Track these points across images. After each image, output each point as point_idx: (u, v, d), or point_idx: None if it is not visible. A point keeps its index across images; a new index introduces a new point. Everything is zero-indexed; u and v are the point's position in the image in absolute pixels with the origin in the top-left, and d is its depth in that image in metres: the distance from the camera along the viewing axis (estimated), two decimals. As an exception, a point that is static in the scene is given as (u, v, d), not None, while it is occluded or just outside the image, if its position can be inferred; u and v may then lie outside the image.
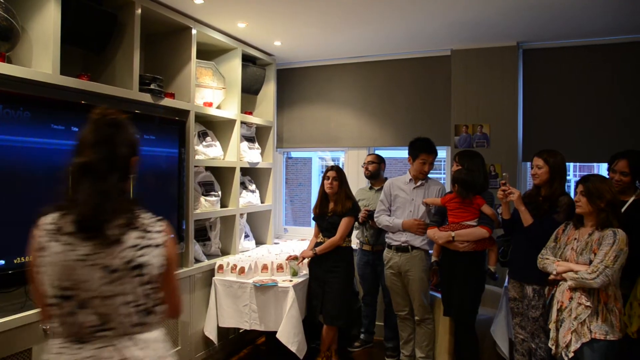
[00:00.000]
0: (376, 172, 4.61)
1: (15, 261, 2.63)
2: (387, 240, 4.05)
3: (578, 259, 2.81)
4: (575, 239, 2.90)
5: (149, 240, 1.63)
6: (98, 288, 1.53)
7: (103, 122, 1.62)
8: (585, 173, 2.98)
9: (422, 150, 3.93)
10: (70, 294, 1.52)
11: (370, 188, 4.67)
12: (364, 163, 4.69)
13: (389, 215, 4.03)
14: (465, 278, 3.63)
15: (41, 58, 2.85)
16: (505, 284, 3.68)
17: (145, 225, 1.64)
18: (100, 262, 1.53)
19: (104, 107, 1.66)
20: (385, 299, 4.47)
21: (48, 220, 1.57)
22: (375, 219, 4.13)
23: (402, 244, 3.92)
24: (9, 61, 2.76)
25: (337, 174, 4.07)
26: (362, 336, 4.74)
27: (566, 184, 3.43)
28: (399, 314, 4.08)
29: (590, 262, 2.73)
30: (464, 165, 3.71)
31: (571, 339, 2.75)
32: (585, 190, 2.82)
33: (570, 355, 2.76)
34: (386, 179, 4.64)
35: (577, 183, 2.91)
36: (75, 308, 1.53)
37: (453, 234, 3.59)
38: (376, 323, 4.76)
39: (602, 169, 5.39)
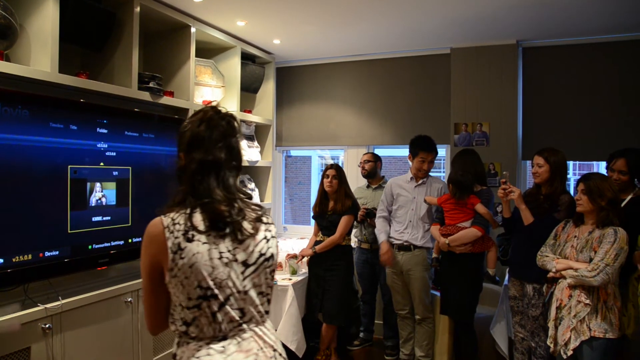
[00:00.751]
0: (373, 171, 4.61)
1: (14, 259, 2.62)
2: (389, 239, 4.05)
3: (578, 257, 2.80)
4: (575, 236, 2.90)
5: (270, 232, 1.67)
6: (239, 284, 1.55)
7: (219, 118, 1.62)
8: (585, 172, 2.98)
9: (421, 148, 3.93)
10: (212, 293, 1.50)
11: (368, 187, 4.67)
12: (361, 162, 4.69)
13: (386, 219, 4.07)
14: (463, 277, 3.64)
15: (40, 56, 2.84)
16: (505, 282, 3.68)
17: (264, 217, 1.67)
18: (239, 258, 1.55)
19: (213, 104, 1.67)
20: (384, 298, 4.47)
21: (173, 220, 1.51)
22: (375, 220, 4.14)
23: (404, 243, 3.92)
24: (8, 59, 2.75)
25: (336, 172, 4.06)
26: (361, 335, 4.73)
27: (566, 183, 3.43)
28: (399, 312, 4.07)
29: (590, 259, 2.73)
30: (454, 165, 3.76)
31: (570, 336, 2.75)
32: (586, 189, 2.82)
33: (569, 353, 2.76)
34: (383, 177, 4.66)
35: (578, 181, 2.91)
36: (218, 307, 1.51)
37: (447, 241, 3.62)
38: (375, 322, 4.76)
39: (602, 167, 5.39)
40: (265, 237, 1.63)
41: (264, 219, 1.65)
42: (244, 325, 1.57)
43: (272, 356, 1.60)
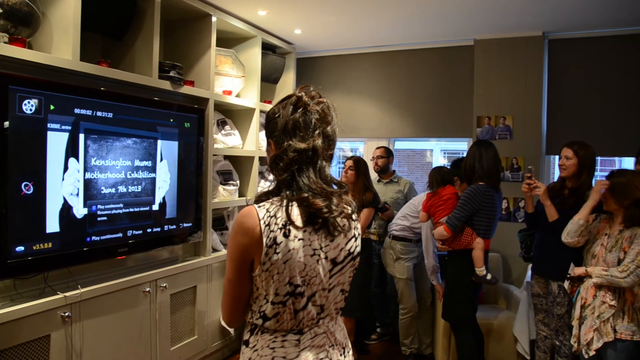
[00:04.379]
0: (385, 167, 4.61)
1: (34, 247, 2.63)
2: (410, 227, 4.07)
3: (607, 257, 2.73)
4: (606, 234, 2.82)
5: (357, 229, 1.59)
6: (325, 281, 1.49)
7: (315, 104, 1.51)
8: (607, 168, 2.91)
9: None
10: (301, 290, 1.44)
11: (379, 181, 4.65)
12: (373, 157, 4.65)
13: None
14: (448, 276, 3.56)
15: (61, 44, 2.83)
16: (528, 279, 3.61)
17: (354, 215, 1.58)
18: (330, 256, 1.48)
19: (307, 87, 1.54)
20: (391, 293, 4.43)
21: (269, 212, 1.43)
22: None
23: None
24: (30, 47, 2.75)
25: (354, 163, 3.98)
26: (378, 329, 4.70)
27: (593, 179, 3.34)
28: (413, 313, 4.10)
29: (619, 260, 2.66)
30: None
31: (593, 337, 2.69)
32: (610, 187, 2.76)
33: (592, 353, 2.70)
34: (394, 171, 4.65)
35: (606, 178, 2.84)
36: (302, 305, 1.46)
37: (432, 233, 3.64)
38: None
39: (625, 163, 5.28)
40: (354, 236, 1.56)
41: (354, 216, 1.56)
42: (320, 321, 1.52)
43: (342, 353, 1.56)
